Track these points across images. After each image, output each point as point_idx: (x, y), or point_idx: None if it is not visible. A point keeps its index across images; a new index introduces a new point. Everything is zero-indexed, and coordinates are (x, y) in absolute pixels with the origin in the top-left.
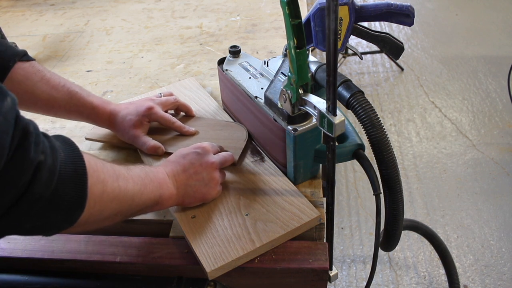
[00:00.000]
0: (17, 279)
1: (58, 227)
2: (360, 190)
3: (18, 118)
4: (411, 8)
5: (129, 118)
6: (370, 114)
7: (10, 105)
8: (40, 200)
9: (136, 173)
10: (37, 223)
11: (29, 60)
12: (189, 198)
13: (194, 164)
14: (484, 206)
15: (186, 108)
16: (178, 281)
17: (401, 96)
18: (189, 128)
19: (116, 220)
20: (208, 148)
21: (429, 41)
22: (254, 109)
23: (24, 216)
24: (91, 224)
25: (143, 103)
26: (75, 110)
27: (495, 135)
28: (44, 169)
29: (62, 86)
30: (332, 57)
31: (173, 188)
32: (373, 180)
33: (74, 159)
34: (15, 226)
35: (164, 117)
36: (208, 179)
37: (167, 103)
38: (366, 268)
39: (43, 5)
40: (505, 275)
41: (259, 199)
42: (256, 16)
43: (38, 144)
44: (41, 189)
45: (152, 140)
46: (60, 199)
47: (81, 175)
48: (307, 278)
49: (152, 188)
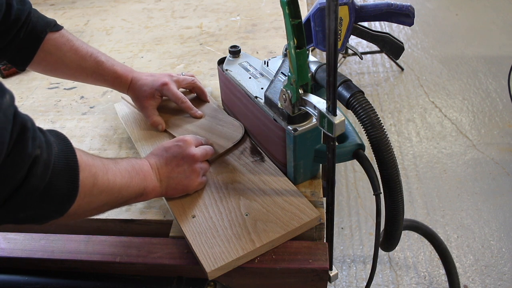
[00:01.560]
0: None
1: (48, 217)
2: (360, 190)
3: (16, 114)
4: (411, 8)
5: (144, 89)
6: (370, 114)
7: (8, 101)
8: (35, 192)
9: (123, 167)
10: (30, 213)
11: (59, 29)
12: (172, 190)
13: (176, 157)
14: (484, 206)
15: (201, 90)
16: (178, 281)
17: (401, 96)
18: (196, 111)
19: (102, 210)
20: (190, 141)
21: (429, 41)
22: (254, 109)
23: (19, 207)
24: (79, 215)
25: (160, 77)
26: (101, 79)
27: (495, 135)
28: (40, 163)
29: (90, 56)
30: (332, 57)
31: (156, 181)
32: (373, 180)
33: (67, 154)
34: (10, 216)
35: (175, 94)
36: (189, 171)
37: (184, 81)
38: (366, 268)
39: (43, 5)
40: (505, 275)
41: (259, 199)
42: (256, 16)
43: (35, 139)
44: (36, 182)
45: (156, 115)
46: (53, 191)
47: (73, 169)
48: (307, 278)
49: (137, 181)
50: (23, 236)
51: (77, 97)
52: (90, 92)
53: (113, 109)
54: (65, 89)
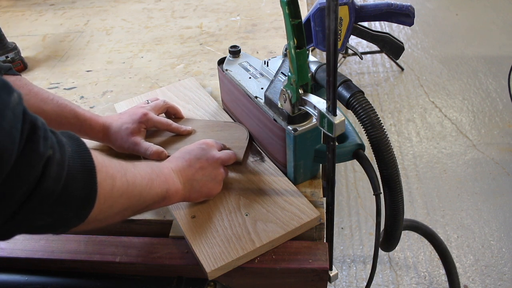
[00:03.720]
0: (17, 279)
1: (69, 224)
2: (360, 190)
3: (25, 113)
4: (411, 8)
5: (125, 127)
6: (370, 114)
7: (17, 100)
8: (51, 196)
9: (142, 168)
10: (48, 220)
11: (16, 74)
12: (195, 193)
13: (200, 159)
14: (484, 206)
15: (175, 110)
16: (178, 281)
17: (401, 96)
18: (186, 127)
19: (125, 216)
20: (212, 143)
21: (429, 41)
22: (254, 109)
23: (35, 213)
24: (101, 221)
25: (135, 111)
26: (66, 122)
27: (495, 135)
28: (53, 164)
29: (51, 100)
30: (332, 57)
31: (179, 183)
32: (373, 180)
33: (81, 154)
34: (27, 224)
35: (161, 121)
36: (214, 174)
37: (157, 107)
38: (366, 268)
39: (43, 5)
40: (505, 275)
41: (259, 199)
42: (256, 16)
43: (47, 139)
44: (51, 184)
45: (154, 145)
46: (71, 195)
47: (90, 170)
48: (307, 278)
49: (158, 183)
50: (23, 236)
51: (77, 97)
52: (90, 92)
53: (113, 109)
54: (65, 89)
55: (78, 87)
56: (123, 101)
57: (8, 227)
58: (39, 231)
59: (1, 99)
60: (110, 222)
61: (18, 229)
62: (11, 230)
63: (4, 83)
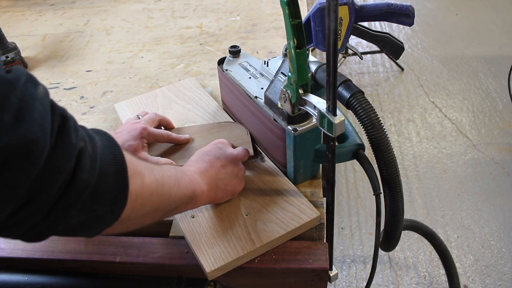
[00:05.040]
0: (17, 279)
1: (103, 221)
2: (360, 190)
3: (54, 105)
4: (411, 8)
5: (128, 145)
6: (370, 114)
7: (43, 92)
8: (86, 189)
9: (167, 169)
10: (83, 217)
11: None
12: (221, 193)
13: (219, 158)
14: (484, 206)
15: (166, 121)
16: (178, 281)
17: (401, 96)
18: (185, 136)
19: (156, 217)
20: (227, 142)
21: (429, 41)
22: (254, 109)
23: (71, 209)
24: (133, 220)
25: (133, 127)
26: None
27: (495, 135)
28: (86, 156)
29: None
30: (332, 57)
31: (204, 184)
32: (373, 180)
33: (111, 148)
34: (62, 222)
35: (161, 133)
36: (236, 171)
37: (151, 120)
38: (366, 268)
39: (43, 5)
40: (505, 275)
41: (259, 199)
42: (256, 16)
43: (77, 131)
44: (86, 177)
45: (162, 158)
46: (104, 189)
47: (121, 164)
48: (307, 278)
49: (185, 184)
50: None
51: (77, 97)
52: (90, 92)
53: (113, 109)
54: (65, 89)
55: (78, 87)
56: (123, 101)
57: (44, 226)
58: (74, 230)
59: (29, 92)
60: (142, 223)
61: (54, 228)
62: (47, 230)
63: (30, 76)
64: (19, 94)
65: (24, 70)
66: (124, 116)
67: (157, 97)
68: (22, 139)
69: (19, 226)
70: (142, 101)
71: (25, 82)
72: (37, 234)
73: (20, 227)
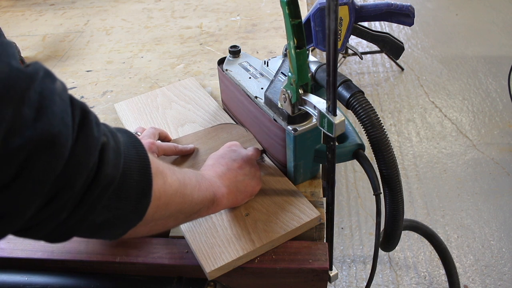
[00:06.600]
0: (17, 279)
1: (128, 221)
2: (360, 190)
3: (72, 99)
4: (411, 8)
5: None
6: (370, 114)
7: (61, 87)
8: (111, 184)
9: (187, 171)
10: (108, 215)
11: None
12: (241, 195)
13: (235, 160)
14: (484, 206)
15: (164, 134)
16: (178, 281)
17: (401, 96)
18: (190, 146)
19: (179, 219)
20: (239, 144)
21: (429, 41)
22: (254, 109)
23: (96, 205)
24: (157, 221)
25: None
26: None
27: (495, 135)
28: (109, 151)
29: None
30: (332, 57)
31: (223, 187)
32: (373, 180)
33: (134, 144)
34: (88, 219)
35: (169, 147)
36: (253, 172)
37: (153, 135)
38: (366, 268)
39: (43, 5)
40: (505, 275)
41: (259, 199)
42: (256, 16)
43: (99, 125)
44: (111, 171)
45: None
46: (128, 185)
47: (144, 159)
48: (307, 278)
49: (205, 186)
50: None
51: (77, 97)
52: (90, 92)
53: (113, 109)
54: None
55: (78, 87)
56: (123, 101)
57: (69, 225)
58: (99, 229)
59: (47, 86)
60: (165, 225)
61: (80, 226)
62: (72, 228)
63: (47, 71)
64: (38, 88)
65: (42, 65)
66: (124, 116)
67: (157, 97)
68: (44, 133)
69: (43, 225)
70: (142, 101)
71: (43, 76)
72: (61, 233)
73: (45, 226)
